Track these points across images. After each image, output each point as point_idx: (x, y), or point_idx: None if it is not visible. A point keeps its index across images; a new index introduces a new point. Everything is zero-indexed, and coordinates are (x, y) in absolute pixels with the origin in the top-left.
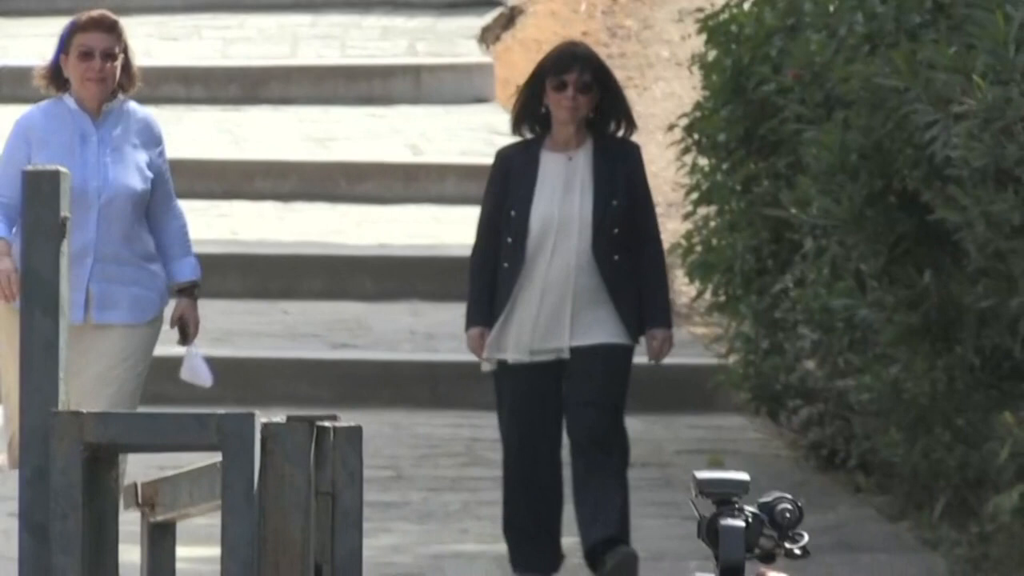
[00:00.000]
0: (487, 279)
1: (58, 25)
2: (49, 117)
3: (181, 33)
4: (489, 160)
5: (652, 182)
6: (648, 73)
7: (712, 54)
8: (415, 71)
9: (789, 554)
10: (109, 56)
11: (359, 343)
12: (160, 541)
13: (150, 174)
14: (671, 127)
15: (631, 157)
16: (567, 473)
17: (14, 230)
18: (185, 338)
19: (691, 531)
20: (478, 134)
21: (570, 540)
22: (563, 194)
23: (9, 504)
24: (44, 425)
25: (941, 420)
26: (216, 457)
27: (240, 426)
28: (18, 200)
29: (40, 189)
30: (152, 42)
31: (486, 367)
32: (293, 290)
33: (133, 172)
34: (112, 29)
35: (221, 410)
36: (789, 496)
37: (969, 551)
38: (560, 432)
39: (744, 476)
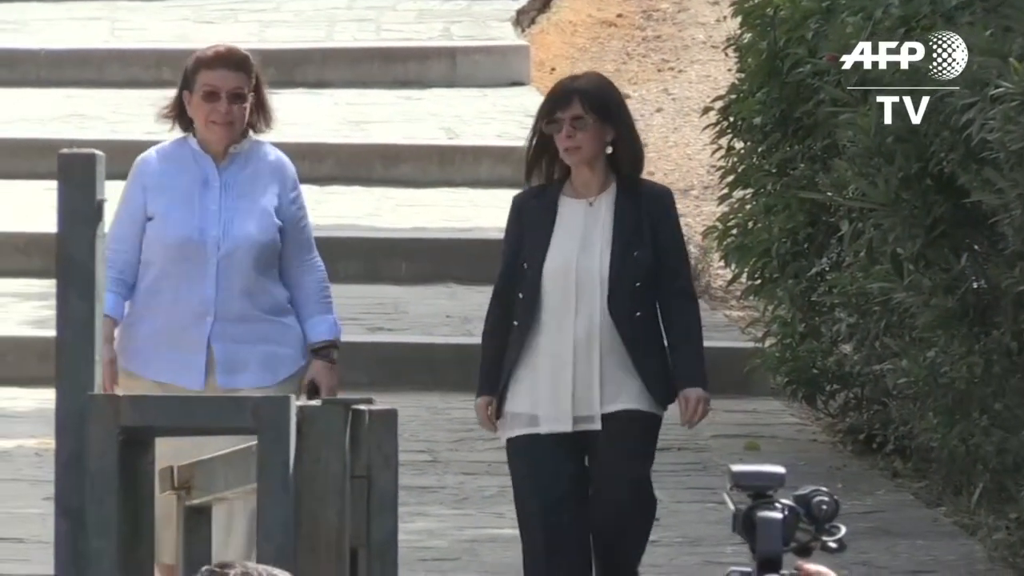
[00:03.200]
0: (499, 342)
1: (92, 9)
2: (168, 161)
3: (217, 16)
4: (524, 143)
5: (687, 165)
6: (683, 56)
7: (747, 37)
8: (450, 54)
9: (825, 547)
10: (237, 97)
11: (395, 326)
12: (195, 524)
13: (279, 222)
14: (706, 110)
15: (661, 203)
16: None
17: (127, 304)
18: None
19: (728, 516)
20: (514, 117)
21: None
22: (581, 245)
23: (45, 488)
24: (80, 409)
25: (979, 405)
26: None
27: (276, 410)
28: (134, 256)
29: (74, 173)
30: (188, 25)
31: (500, 437)
32: (329, 273)
33: (258, 221)
34: (241, 66)
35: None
36: (825, 489)
37: (1007, 536)
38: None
39: (780, 469)
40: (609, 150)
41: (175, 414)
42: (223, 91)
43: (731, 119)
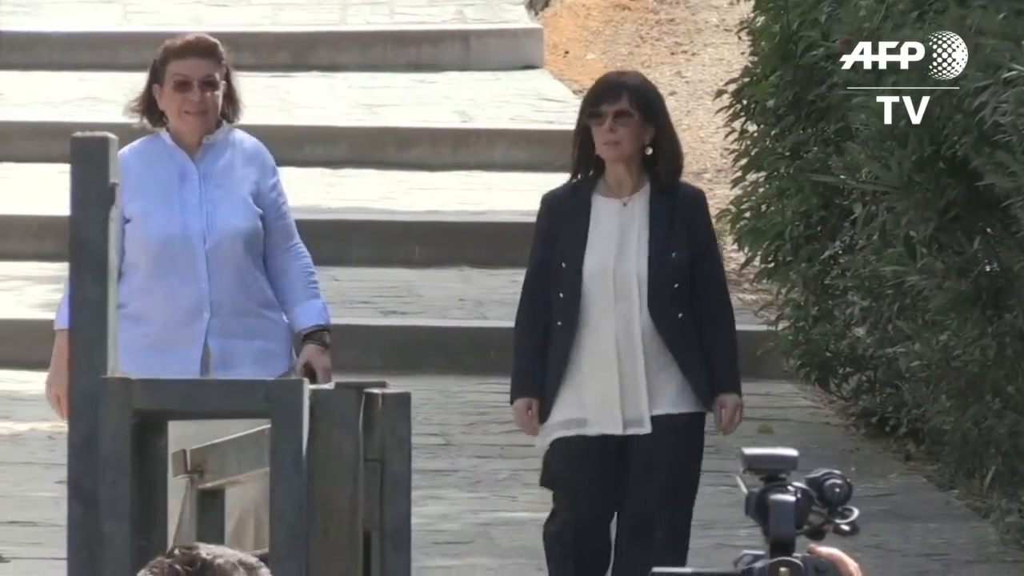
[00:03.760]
0: (536, 341)
1: None
2: (143, 158)
3: None
4: (538, 126)
5: (701, 148)
6: (697, 39)
7: (761, 20)
8: (464, 37)
9: (838, 530)
10: (209, 85)
11: (408, 310)
12: (208, 508)
13: (259, 210)
14: (720, 93)
15: (695, 203)
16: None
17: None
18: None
19: (741, 499)
20: (527, 100)
21: None
22: (619, 245)
23: (58, 472)
24: (93, 392)
25: (991, 387)
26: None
27: (289, 393)
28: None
29: (87, 156)
30: (201, 8)
31: (540, 442)
32: (342, 257)
33: (240, 209)
34: (211, 54)
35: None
36: (838, 472)
37: (1020, 519)
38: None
39: (793, 452)
40: (649, 151)
41: (188, 398)
42: (195, 79)
43: (744, 102)
